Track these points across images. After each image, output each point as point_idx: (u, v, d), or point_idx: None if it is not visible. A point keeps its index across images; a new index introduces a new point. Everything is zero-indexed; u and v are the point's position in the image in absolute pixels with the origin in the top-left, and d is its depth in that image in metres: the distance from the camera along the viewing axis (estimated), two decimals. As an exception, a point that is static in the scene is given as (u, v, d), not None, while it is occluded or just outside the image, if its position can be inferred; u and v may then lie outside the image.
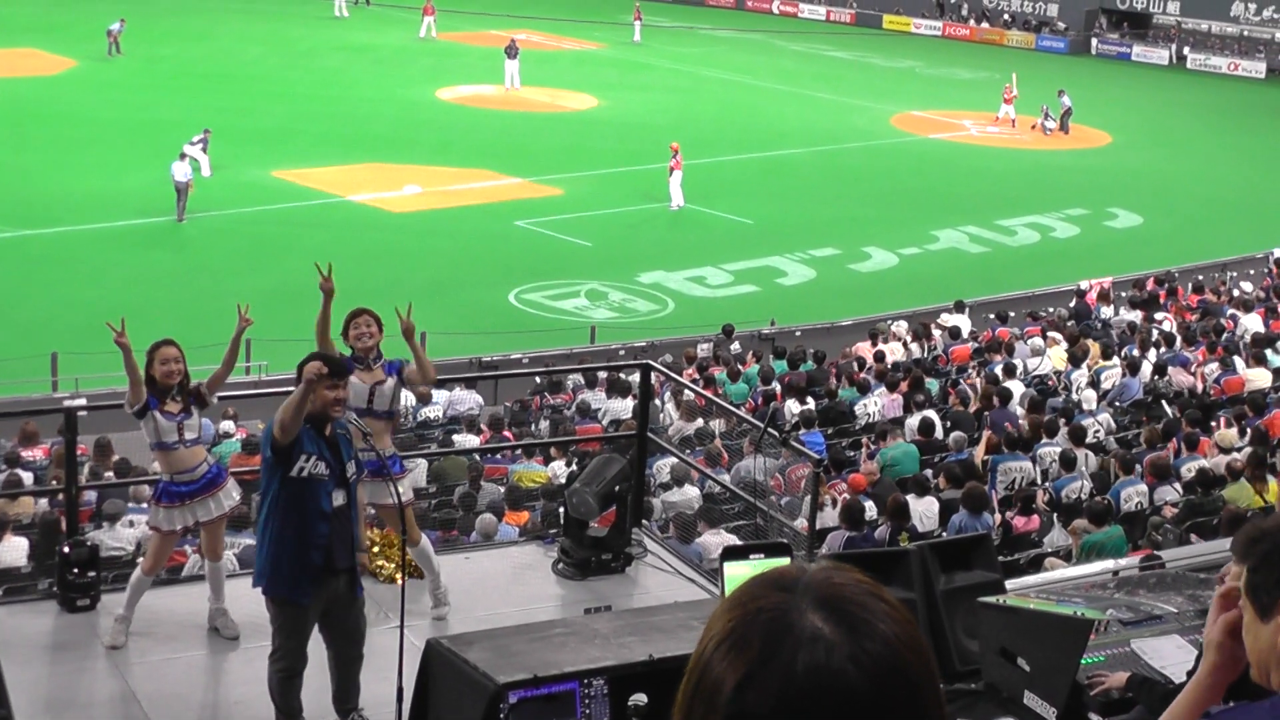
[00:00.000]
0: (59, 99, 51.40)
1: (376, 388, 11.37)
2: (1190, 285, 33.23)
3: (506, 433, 21.54)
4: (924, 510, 16.48)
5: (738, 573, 3.35)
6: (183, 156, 38.47)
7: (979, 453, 19.38)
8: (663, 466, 18.54)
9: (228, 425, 21.75)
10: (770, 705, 2.04)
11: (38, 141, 45.26)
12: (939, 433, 20.66)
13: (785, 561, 3.28)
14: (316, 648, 9.65)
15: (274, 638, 9.55)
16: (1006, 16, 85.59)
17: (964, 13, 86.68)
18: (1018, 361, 24.35)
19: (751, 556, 3.14)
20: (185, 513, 10.92)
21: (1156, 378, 23.25)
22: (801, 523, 13.37)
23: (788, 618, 2.08)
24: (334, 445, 9.48)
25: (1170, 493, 17.26)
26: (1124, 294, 32.35)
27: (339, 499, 9.45)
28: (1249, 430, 19.41)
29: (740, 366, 25.46)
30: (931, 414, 21.16)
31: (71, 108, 50.15)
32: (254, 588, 9.64)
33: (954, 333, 27.76)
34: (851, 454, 20.20)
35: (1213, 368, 23.84)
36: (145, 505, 16.48)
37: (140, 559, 11.91)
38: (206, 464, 11.06)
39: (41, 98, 51.26)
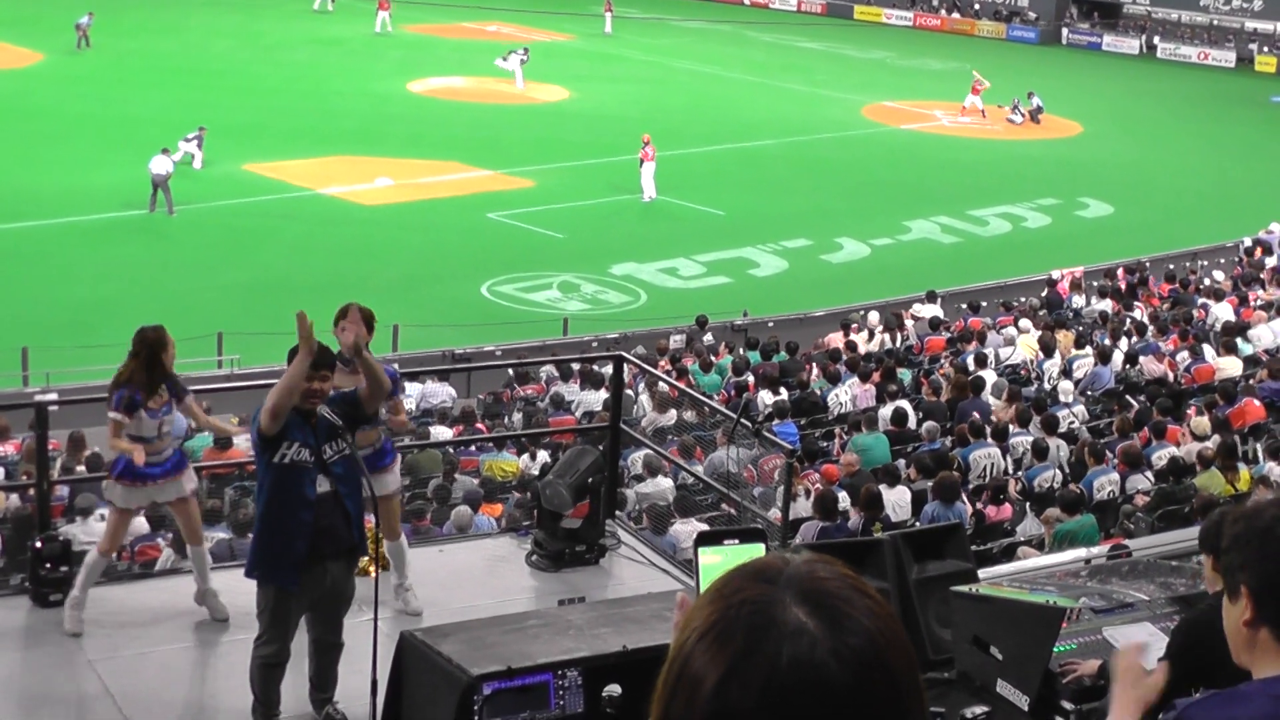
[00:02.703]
0: (26, 93, 51.16)
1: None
2: (1163, 275, 33.32)
3: (480, 425, 21.53)
4: (896, 500, 16.50)
5: (712, 560, 3.35)
6: (165, 151, 38.32)
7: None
8: (636, 458, 18.54)
9: (200, 419, 21.66)
10: (754, 700, 2.04)
11: (4, 136, 45.00)
12: (911, 423, 20.70)
13: (759, 547, 3.30)
14: (297, 641, 9.63)
15: (259, 624, 9.54)
16: (977, 6, 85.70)
17: (935, 3, 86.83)
18: (989, 351, 24.40)
19: (725, 542, 3.15)
20: (146, 493, 10.86)
21: (1128, 367, 23.31)
22: (775, 513, 13.38)
23: (771, 610, 2.08)
24: (317, 431, 9.44)
25: (1142, 481, 17.32)
26: (1095, 283, 32.43)
27: (324, 485, 9.41)
28: (1218, 418, 19.48)
29: (713, 358, 25.46)
30: (904, 404, 21.19)
31: (39, 102, 49.90)
32: (246, 576, 9.59)
33: (932, 323, 27.81)
34: (824, 445, 20.22)
35: (1184, 356, 23.93)
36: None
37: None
38: (172, 449, 11.01)
39: (8, 92, 50.96)
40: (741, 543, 3.44)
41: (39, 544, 11.18)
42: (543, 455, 19.56)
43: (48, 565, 11.08)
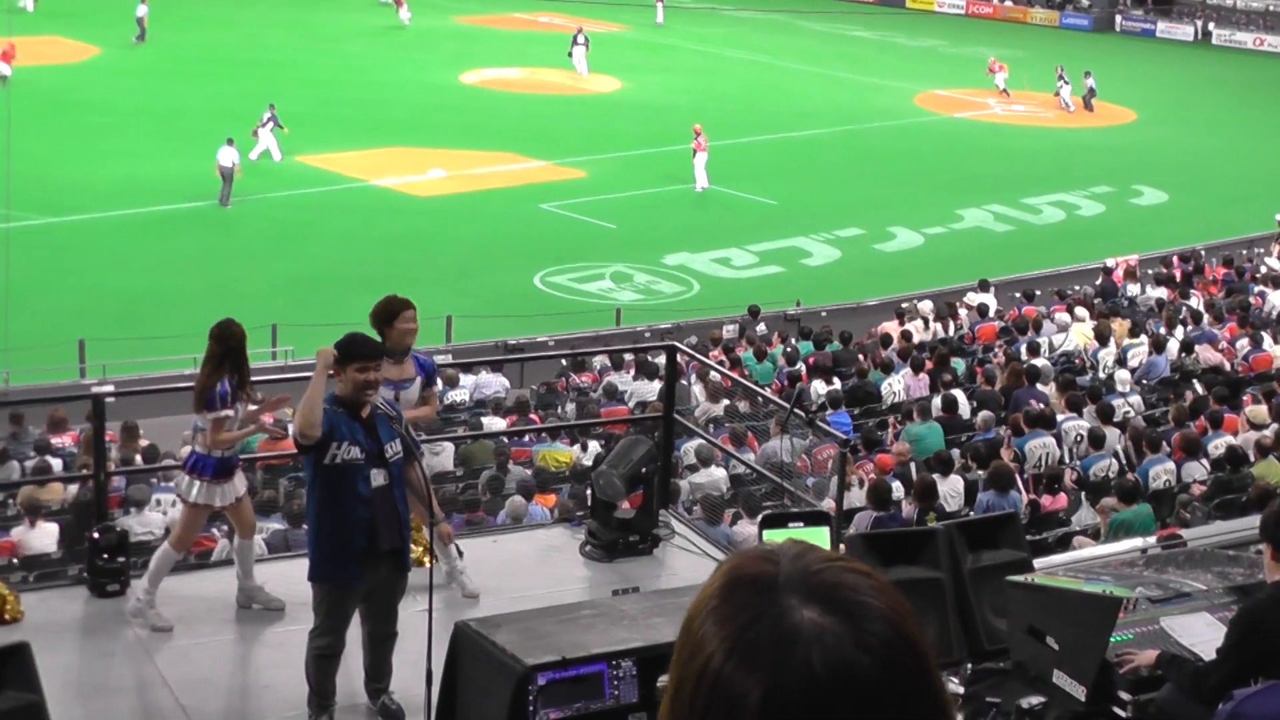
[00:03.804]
0: (83, 86, 51.44)
1: (401, 391, 10.99)
2: (1219, 259, 33.12)
3: (533, 415, 21.57)
4: (949, 489, 16.45)
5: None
6: (230, 142, 38.53)
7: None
8: (689, 448, 18.54)
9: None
10: (797, 708, 2.05)
11: (62, 129, 45.31)
12: (965, 412, 20.63)
13: (824, 531, 3.29)
14: (352, 630, 9.68)
15: (316, 617, 9.58)
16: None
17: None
18: (1042, 339, 24.29)
19: (791, 525, 3.12)
20: (224, 489, 10.95)
21: (1184, 355, 23.18)
22: (829, 503, 13.37)
23: (786, 620, 2.08)
24: (370, 426, 9.47)
25: (1198, 469, 17.22)
26: (1150, 271, 32.24)
27: (379, 480, 9.43)
28: (1277, 407, 19.34)
29: (766, 347, 25.45)
30: (958, 393, 21.12)
31: (95, 95, 50.18)
32: (310, 580, 9.64)
33: (981, 310, 27.70)
34: (882, 434, 20.18)
35: (1243, 344, 23.78)
36: (173, 484, 16.59)
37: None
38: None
39: (65, 85, 51.27)
40: (806, 525, 3.43)
41: (96, 535, 11.27)
42: (594, 445, 19.59)
43: (105, 556, 11.17)
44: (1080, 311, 26.28)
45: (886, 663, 2.06)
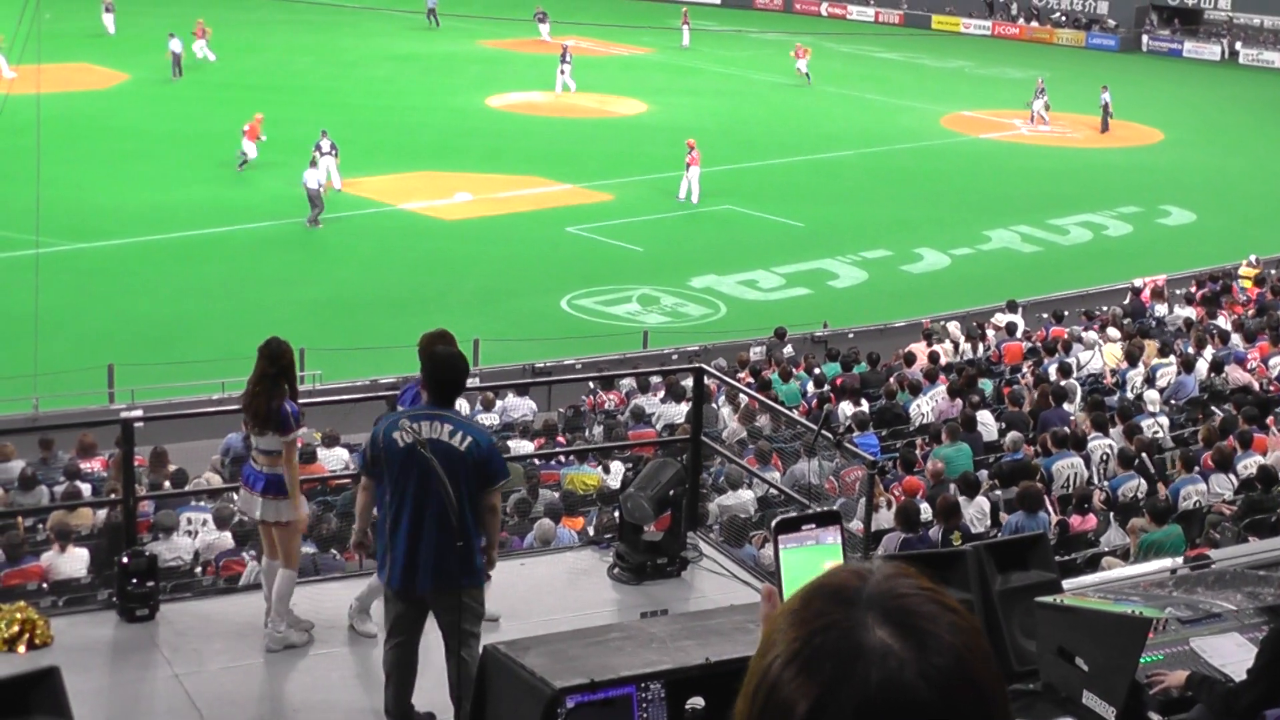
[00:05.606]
0: (112, 113, 51.69)
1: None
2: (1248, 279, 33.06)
3: (560, 438, 21.59)
4: (975, 511, 16.42)
5: (791, 544, 3.35)
6: (314, 164, 38.78)
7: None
8: (719, 471, 18.54)
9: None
10: None
11: (91, 155, 45.48)
12: (993, 433, 20.59)
13: (835, 529, 3.30)
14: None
15: (475, 621, 9.74)
16: (1057, 15, 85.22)
17: (1013, 12, 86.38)
18: (1070, 360, 24.25)
19: (804, 528, 3.13)
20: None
21: (1213, 375, 23.11)
22: (857, 525, 13.35)
23: (855, 636, 2.08)
24: None
25: (1225, 482, 17.18)
26: (1178, 291, 32.17)
27: None
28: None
29: (793, 369, 25.43)
30: (986, 414, 21.08)
31: (124, 121, 50.42)
32: (471, 586, 9.70)
33: (1010, 329, 27.66)
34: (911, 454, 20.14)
35: (1274, 362, 23.71)
36: (203, 503, 16.64)
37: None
38: None
39: (94, 112, 51.50)
40: (819, 526, 3.45)
41: (125, 560, 11.29)
42: (616, 467, 19.60)
43: (134, 580, 11.18)
44: (1111, 332, 26.23)
45: (945, 696, 2.05)
